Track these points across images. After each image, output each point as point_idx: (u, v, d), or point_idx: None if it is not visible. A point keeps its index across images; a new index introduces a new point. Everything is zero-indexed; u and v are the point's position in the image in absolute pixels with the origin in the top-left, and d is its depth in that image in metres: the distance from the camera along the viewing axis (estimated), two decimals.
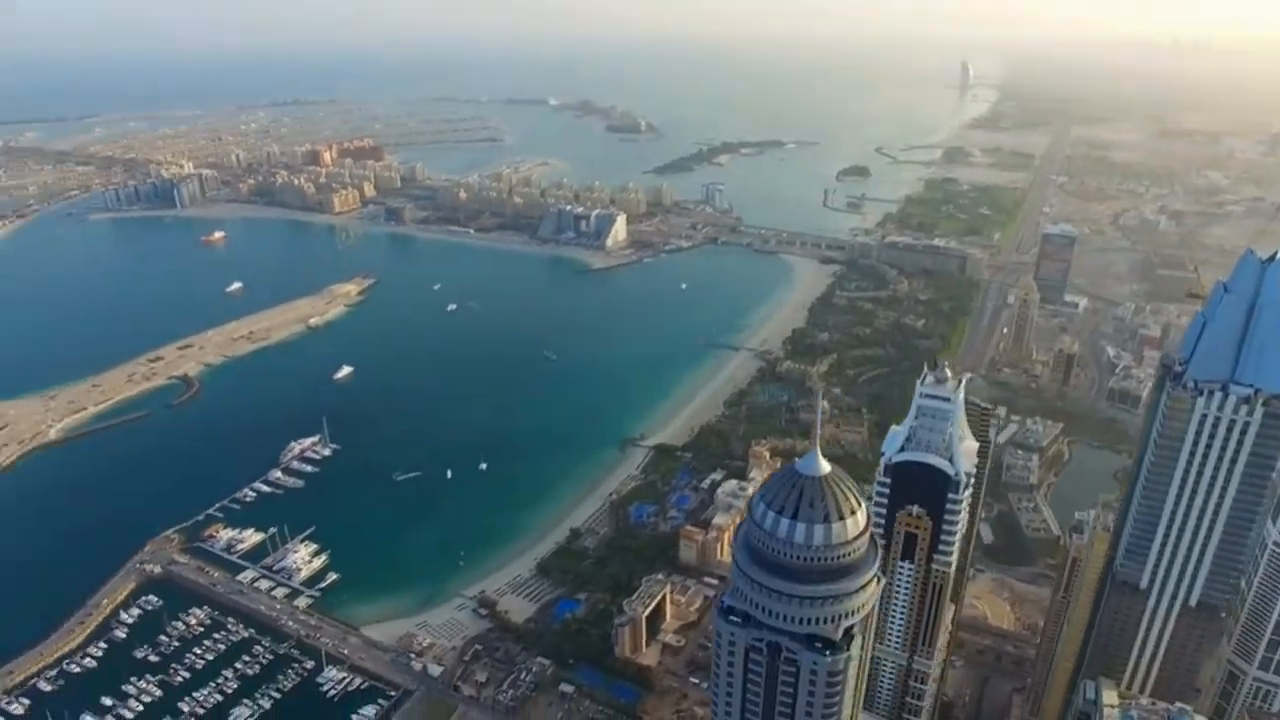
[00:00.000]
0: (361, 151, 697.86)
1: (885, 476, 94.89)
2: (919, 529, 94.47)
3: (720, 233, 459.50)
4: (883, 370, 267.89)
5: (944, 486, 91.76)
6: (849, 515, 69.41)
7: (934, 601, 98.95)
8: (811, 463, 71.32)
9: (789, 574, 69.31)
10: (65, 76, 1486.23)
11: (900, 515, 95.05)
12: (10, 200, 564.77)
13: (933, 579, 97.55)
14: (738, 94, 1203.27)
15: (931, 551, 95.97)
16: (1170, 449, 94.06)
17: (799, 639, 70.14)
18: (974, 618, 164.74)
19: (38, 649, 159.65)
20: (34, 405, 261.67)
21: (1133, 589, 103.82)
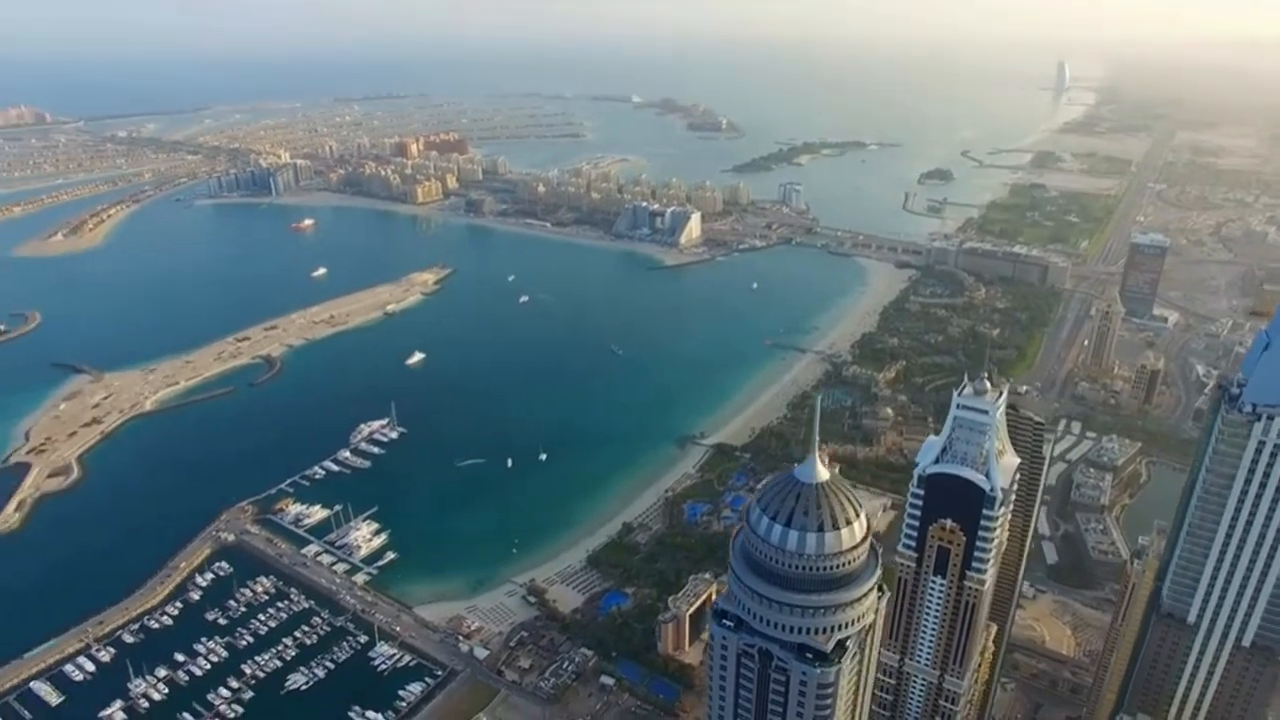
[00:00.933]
0: (447, 144, 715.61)
1: (919, 488, 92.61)
2: (952, 543, 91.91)
3: (795, 233, 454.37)
4: (952, 379, 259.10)
5: (979, 501, 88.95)
6: (844, 525, 68.04)
7: (966, 619, 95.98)
8: (809, 469, 70.31)
9: (781, 581, 68.53)
10: (184, 72, 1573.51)
11: (933, 528, 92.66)
12: (130, 186, 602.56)
13: (965, 596, 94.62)
14: (822, 94, 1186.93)
15: (965, 567, 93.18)
16: (1223, 476, 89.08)
17: (789, 648, 69.31)
18: (1030, 639, 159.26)
19: (123, 604, 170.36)
20: (135, 378, 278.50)
21: (1179, 623, 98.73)
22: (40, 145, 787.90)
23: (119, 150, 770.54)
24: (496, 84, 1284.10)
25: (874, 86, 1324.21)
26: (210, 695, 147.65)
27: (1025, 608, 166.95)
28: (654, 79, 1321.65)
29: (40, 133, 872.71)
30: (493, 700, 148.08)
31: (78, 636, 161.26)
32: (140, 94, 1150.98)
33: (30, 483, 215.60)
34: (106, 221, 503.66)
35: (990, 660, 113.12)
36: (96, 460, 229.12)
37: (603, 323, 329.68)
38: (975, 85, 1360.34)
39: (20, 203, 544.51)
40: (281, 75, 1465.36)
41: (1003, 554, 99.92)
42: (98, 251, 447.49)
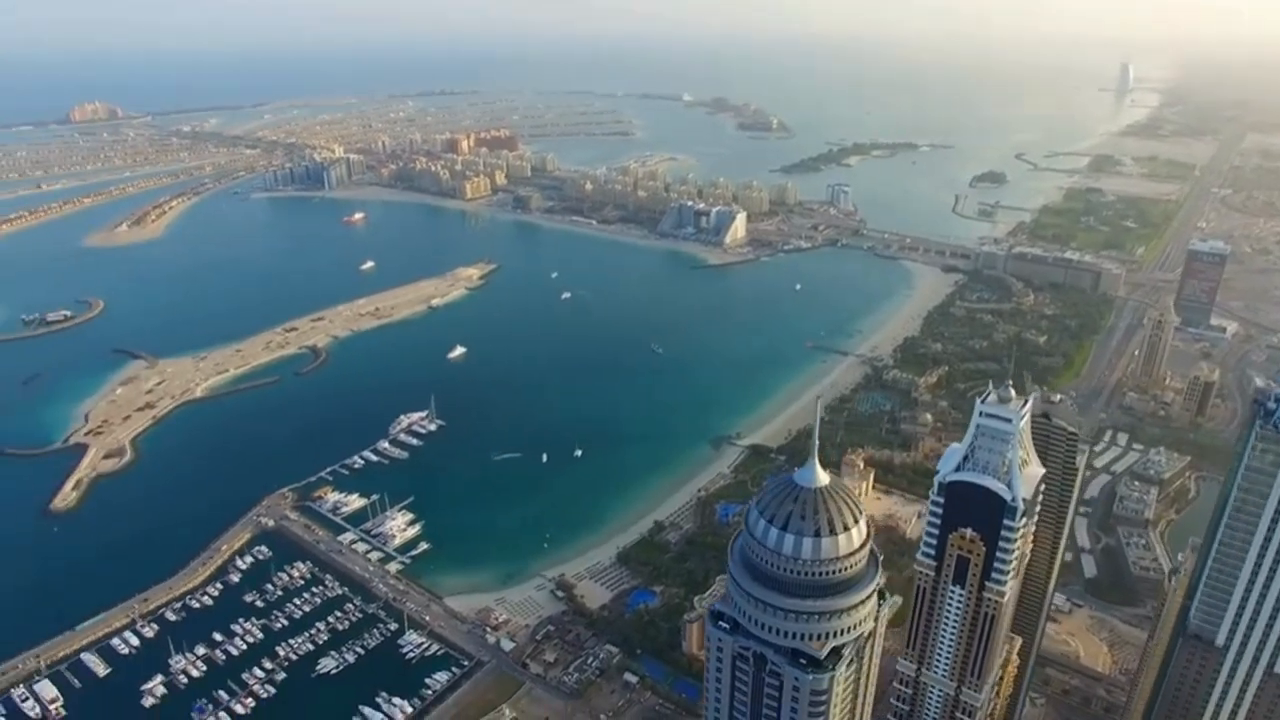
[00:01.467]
0: (497, 141, 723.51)
1: (938, 495, 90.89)
2: (971, 552, 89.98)
3: (842, 235, 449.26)
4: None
5: (999, 511, 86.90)
6: (841, 530, 67.04)
7: (985, 630, 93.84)
8: (809, 473, 69.45)
9: (776, 585, 67.82)
10: (247, 69, 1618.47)
11: (952, 537, 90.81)
12: (191, 179, 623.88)
13: (985, 607, 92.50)
14: (875, 95, 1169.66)
15: (984, 578, 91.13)
16: (1256, 493, 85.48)
17: (783, 653, 68.53)
18: (1064, 654, 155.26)
19: (168, 583, 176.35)
20: (187, 365, 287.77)
21: (1207, 645, 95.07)
22: (111, 140, 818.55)
23: (183, 144, 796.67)
24: (549, 81, 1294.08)
25: (929, 87, 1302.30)
26: (245, 674, 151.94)
27: (1060, 621, 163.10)
28: (706, 77, 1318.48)
29: (112, 127, 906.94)
30: (516, 692, 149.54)
31: (125, 612, 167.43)
32: (205, 90, 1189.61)
33: (87, 463, 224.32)
34: (168, 213, 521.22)
35: (1015, 674, 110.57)
36: (148, 443, 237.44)
37: (644, 321, 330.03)
38: (1033, 86, 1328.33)
39: (91, 194, 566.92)
40: (339, 72, 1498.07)
41: (1027, 565, 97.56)
42: (158, 242, 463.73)
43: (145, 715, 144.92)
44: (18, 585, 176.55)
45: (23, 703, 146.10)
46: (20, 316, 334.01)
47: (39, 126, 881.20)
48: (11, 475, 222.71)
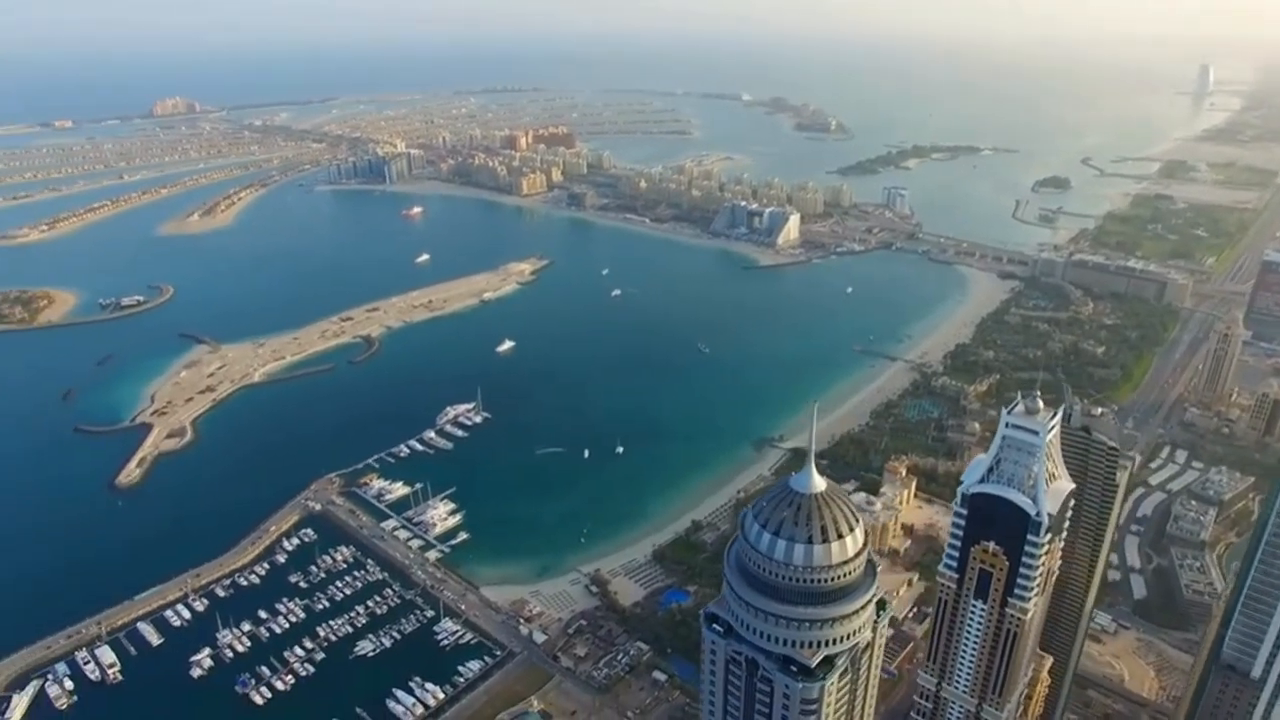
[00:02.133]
0: (555, 138, 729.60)
1: (961, 507, 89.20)
2: (994, 566, 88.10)
3: (896, 238, 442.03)
4: (1048, 396, 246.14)
5: (1023, 526, 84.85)
6: (836, 538, 66.20)
7: (1008, 647, 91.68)
8: (805, 479, 68.75)
9: (769, 591, 67.37)
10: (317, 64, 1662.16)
11: (975, 550, 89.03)
12: (259, 171, 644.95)
13: (1007, 623, 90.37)
14: (938, 96, 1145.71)
15: (1006, 593, 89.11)
16: None
17: (774, 659, 68.03)
18: (1107, 677, 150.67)
19: (219, 560, 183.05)
20: (247, 351, 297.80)
21: (1241, 676, 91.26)
22: (189, 133, 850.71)
23: (254, 138, 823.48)
24: (610, 80, 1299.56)
25: (996, 89, 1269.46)
26: (286, 652, 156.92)
27: (1104, 642, 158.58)
28: (766, 77, 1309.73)
29: (190, 121, 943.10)
30: (546, 685, 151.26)
31: (179, 586, 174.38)
32: (277, 85, 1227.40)
33: (150, 442, 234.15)
34: (236, 204, 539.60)
35: (1046, 694, 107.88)
36: (207, 425, 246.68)
37: (691, 320, 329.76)
38: (1105, 88, 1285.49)
39: (167, 185, 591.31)
40: (406, 69, 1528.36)
41: (1061, 582, 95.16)
42: (226, 231, 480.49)
43: (193, 685, 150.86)
44: (84, 555, 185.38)
45: (84, 665, 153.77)
46: (98, 301, 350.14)
47: (125, 121, 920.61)
48: (84, 451, 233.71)
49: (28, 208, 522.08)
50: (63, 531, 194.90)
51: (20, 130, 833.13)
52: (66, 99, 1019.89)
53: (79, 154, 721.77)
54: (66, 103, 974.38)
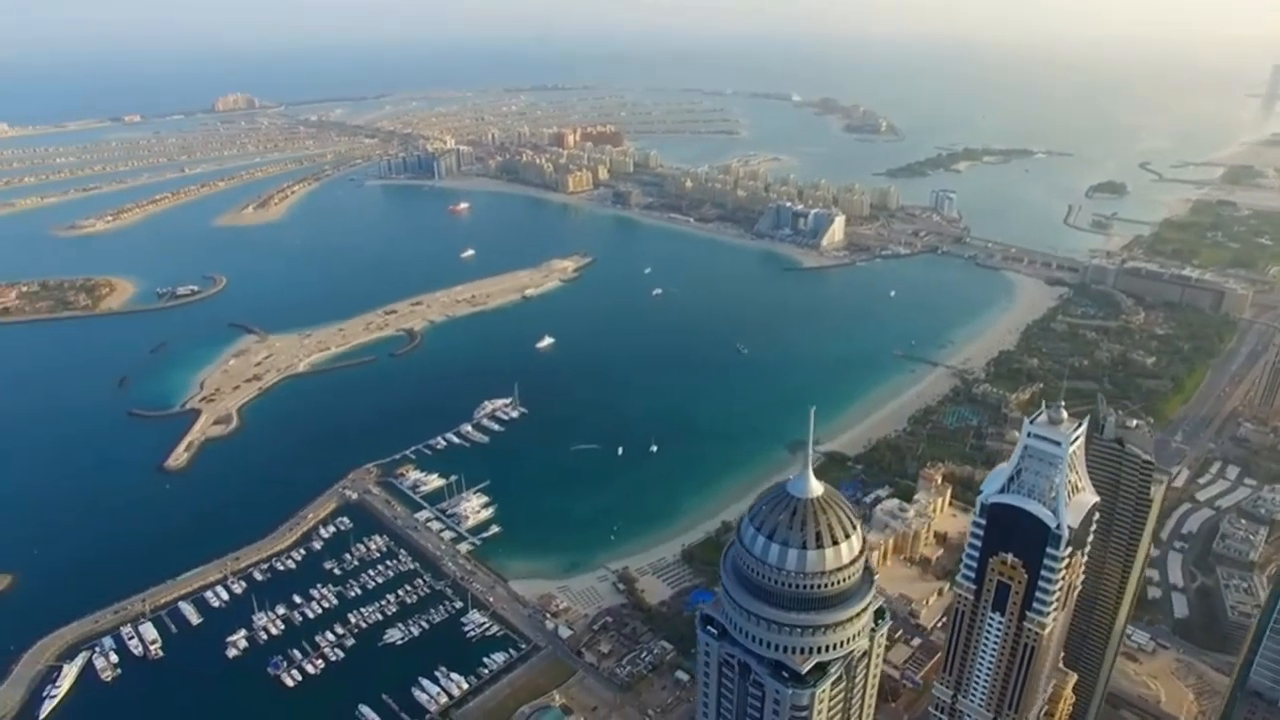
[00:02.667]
0: (602, 136, 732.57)
1: (980, 516, 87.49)
2: (1012, 579, 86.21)
3: (943, 242, 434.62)
4: (1093, 406, 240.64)
5: (1043, 538, 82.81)
6: (830, 544, 65.17)
7: (1025, 661, 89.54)
8: (802, 483, 67.86)
9: (762, 595, 66.73)
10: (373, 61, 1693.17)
11: (993, 561, 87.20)
12: (313, 166, 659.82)
13: (1025, 637, 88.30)
14: (993, 98, 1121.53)
15: (1025, 606, 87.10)
16: None
17: (766, 663, 67.36)
18: (1142, 697, 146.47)
19: (257, 544, 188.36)
20: (293, 341, 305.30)
21: (1269, 704, 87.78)
22: (247, 128, 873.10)
23: (309, 133, 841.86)
24: (660, 79, 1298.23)
25: (1050, 90, 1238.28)
26: (318, 637, 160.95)
27: (1141, 661, 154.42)
28: (817, 78, 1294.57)
29: (249, 116, 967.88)
30: (569, 680, 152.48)
31: (219, 568, 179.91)
32: (334, 82, 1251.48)
33: (199, 427, 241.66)
34: (289, 197, 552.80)
35: (1069, 712, 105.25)
36: (252, 413, 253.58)
37: (731, 320, 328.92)
38: (1169, 89, 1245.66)
39: (225, 178, 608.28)
40: (459, 66, 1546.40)
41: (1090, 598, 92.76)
42: (279, 224, 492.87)
43: (228, 664, 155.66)
44: (133, 535, 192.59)
45: (129, 640, 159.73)
46: (156, 289, 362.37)
47: (188, 116, 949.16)
48: (136, 434, 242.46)
49: (96, 199, 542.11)
50: (114, 511, 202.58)
51: (94, 125, 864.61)
52: (136, 95, 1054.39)
53: (144, 148, 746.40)
54: (136, 99, 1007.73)
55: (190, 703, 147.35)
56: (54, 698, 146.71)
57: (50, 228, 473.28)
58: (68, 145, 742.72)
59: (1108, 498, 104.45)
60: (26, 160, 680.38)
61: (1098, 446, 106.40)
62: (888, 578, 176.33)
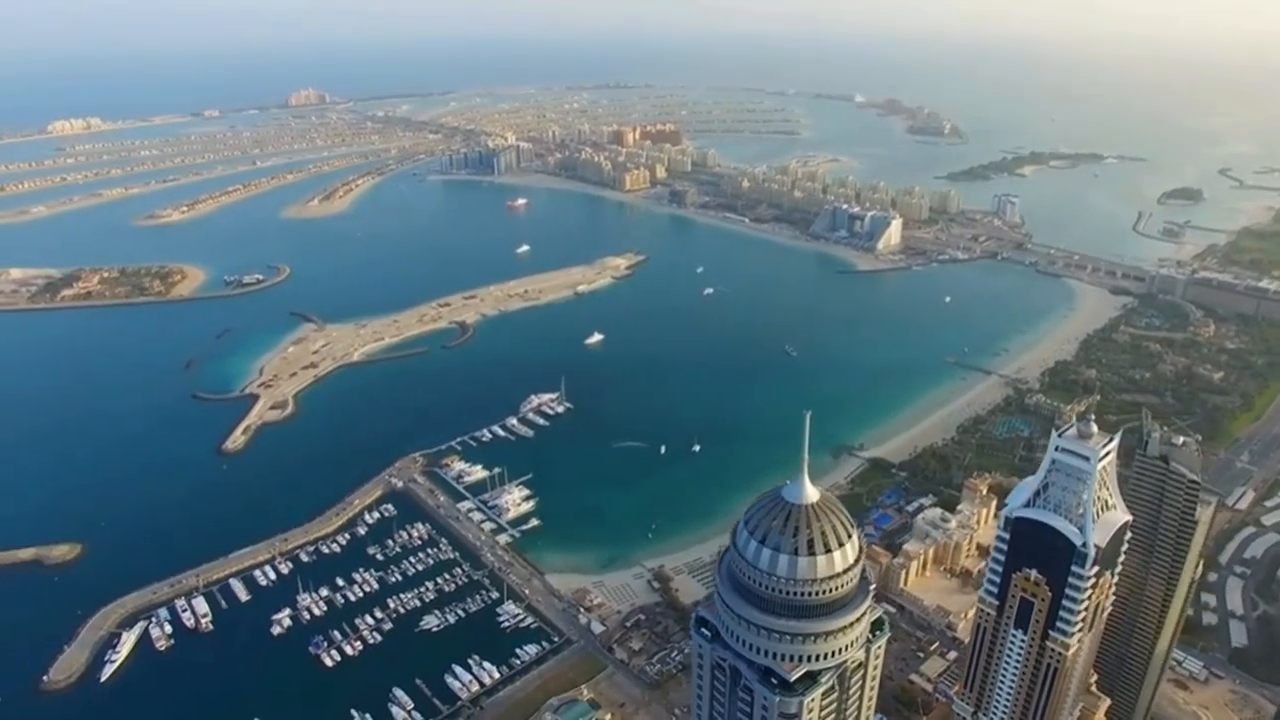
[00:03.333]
0: (661, 135, 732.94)
1: (1004, 530, 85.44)
2: (1036, 596, 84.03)
3: (1003, 248, 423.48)
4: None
5: (1068, 555, 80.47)
6: (823, 551, 64.03)
7: (1048, 681, 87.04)
8: (797, 489, 67.03)
9: (752, 600, 66.12)
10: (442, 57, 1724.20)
11: (1016, 577, 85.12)
12: (377, 160, 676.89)
13: (1048, 656, 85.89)
14: (1063, 101, 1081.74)
15: (1048, 625, 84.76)
16: None
17: (755, 669, 66.74)
18: None
19: (305, 527, 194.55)
20: (349, 331, 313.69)
21: None
22: (317, 122, 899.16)
23: (375, 128, 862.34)
24: (723, 77, 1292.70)
25: (1126, 93, 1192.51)
26: (358, 620, 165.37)
27: (1192, 690, 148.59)
28: (881, 79, 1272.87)
29: (319, 111, 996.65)
30: (598, 675, 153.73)
31: (268, 548, 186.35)
32: (402, 77, 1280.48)
33: (256, 412, 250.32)
34: (353, 191, 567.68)
35: None
36: (307, 400, 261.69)
37: (781, 322, 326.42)
38: (1256, 92, 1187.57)
39: (294, 171, 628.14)
40: (524, 63, 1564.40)
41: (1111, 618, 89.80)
42: (342, 216, 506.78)
43: (272, 641, 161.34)
44: (190, 512, 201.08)
45: (182, 613, 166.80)
46: (224, 277, 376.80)
47: (263, 111, 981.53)
48: (198, 416, 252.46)
49: (174, 190, 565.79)
50: (174, 489, 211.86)
51: (176, 119, 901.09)
52: (216, 90, 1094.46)
53: (220, 141, 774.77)
54: (215, 94, 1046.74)
55: (235, 675, 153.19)
56: (113, 662, 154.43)
57: (131, 217, 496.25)
58: (152, 139, 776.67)
59: (1149, 517, 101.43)
60: (115, 153, 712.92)
61: (1141, 463, 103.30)
62: (926, 588, 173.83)
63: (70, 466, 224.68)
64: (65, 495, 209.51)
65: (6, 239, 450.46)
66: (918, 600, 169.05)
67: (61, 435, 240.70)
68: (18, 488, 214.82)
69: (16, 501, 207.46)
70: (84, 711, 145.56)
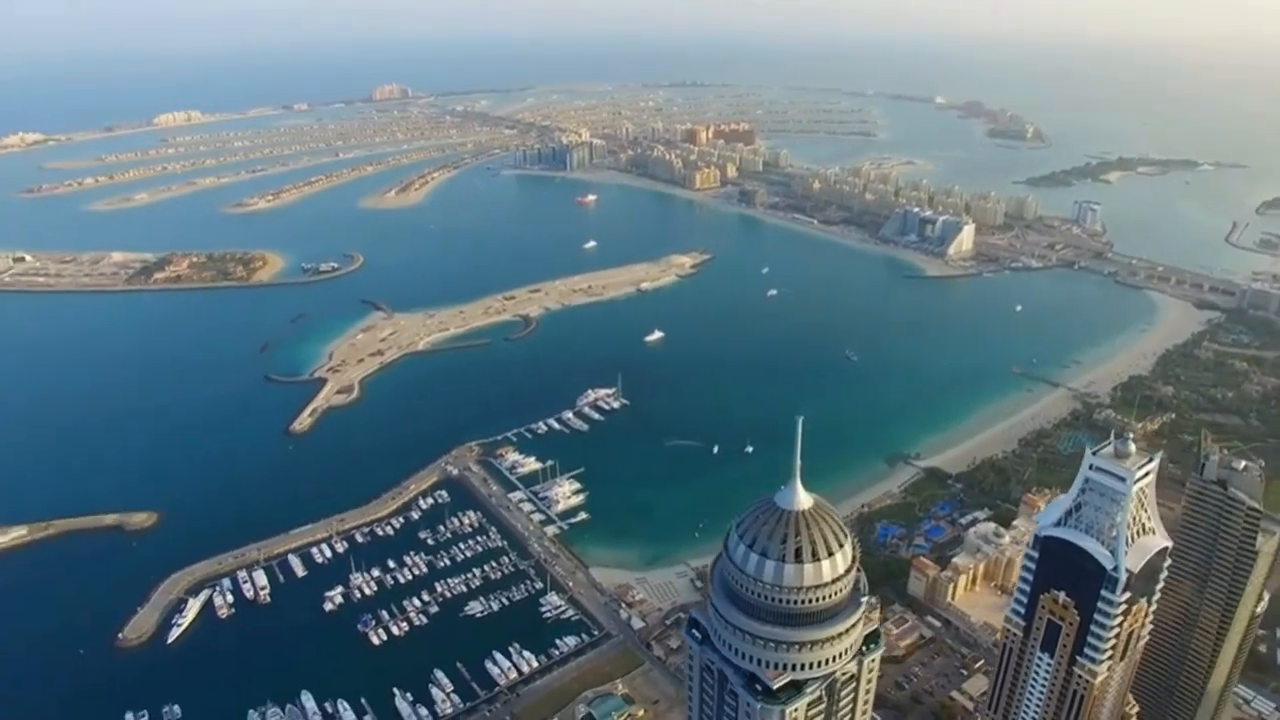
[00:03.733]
0: (735, 134, 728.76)
1: (1033, 549, 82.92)
2: (1063, 619, 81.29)
3: (1081, 256, 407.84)
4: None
5: (1098, 579, 77.60)
6: (811, 559, 62.96)
7: (1074, 709, 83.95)
8: (789, 495, 66.23)
9: (740, 605, 65.60)
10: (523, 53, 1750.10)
11: (1044, 598, 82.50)
12: (453, 154, 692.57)
13: (1074, 683, 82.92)
14: (1158, 104, 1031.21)
15: (1075, 650, 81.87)
16: None
17: (741, 674, 66.21)
18: None
19: (362, 508, 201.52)
20: (417, 320, 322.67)
21: None
22: (399, 116, 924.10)
23: (453, 122, 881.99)
24: (800, 77, 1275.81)
25: (1227, 97, 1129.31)
26: (405, 601, 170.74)
27: None
28: (963, 80, 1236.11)
29: (401, 106, 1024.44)
30: (634, 670, 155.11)
31: (325, 527, 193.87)
32: (483, 73, 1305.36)
33: (323, 395, 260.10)
34: (429, 183, 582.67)
35: None
36: (372, 386, 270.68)
37: (844, 326, 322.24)
38: None
39: (373, 163, 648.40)
40: (603, 60, 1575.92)
41: (1180, 653, 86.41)
42: (416, 208, 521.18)
43: (323, 617, 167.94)
44: (256, 489, 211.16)
45: (243, 584, 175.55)
46: (301, 265, 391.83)
47: (348, 104, 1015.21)
48: (270, 397, 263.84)
49: (261, 179, 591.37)
50: (243, 466, 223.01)
51: (268, 112, 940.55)
52: (305, 84, 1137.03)
53: (307, 133, 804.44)
54: (305, 88, 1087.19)
55: (288, 647, 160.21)
56: (179, 626, 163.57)
57: (221, 205, 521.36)
58: (244, 130, 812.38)
59: (1204, 545, 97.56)
60: (210, 144, 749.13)
61: (1197, 487, 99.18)
62: (974, 604, 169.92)
63: (154, 440, 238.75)
64: (147, 467, 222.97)
65: (113, 224, 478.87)
66: (964, 616, 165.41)
67: (147, 411, 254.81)
68: (107, 458, 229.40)
69: (106, 471, 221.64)
70: (151, 670, 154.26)
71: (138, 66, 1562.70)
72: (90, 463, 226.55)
